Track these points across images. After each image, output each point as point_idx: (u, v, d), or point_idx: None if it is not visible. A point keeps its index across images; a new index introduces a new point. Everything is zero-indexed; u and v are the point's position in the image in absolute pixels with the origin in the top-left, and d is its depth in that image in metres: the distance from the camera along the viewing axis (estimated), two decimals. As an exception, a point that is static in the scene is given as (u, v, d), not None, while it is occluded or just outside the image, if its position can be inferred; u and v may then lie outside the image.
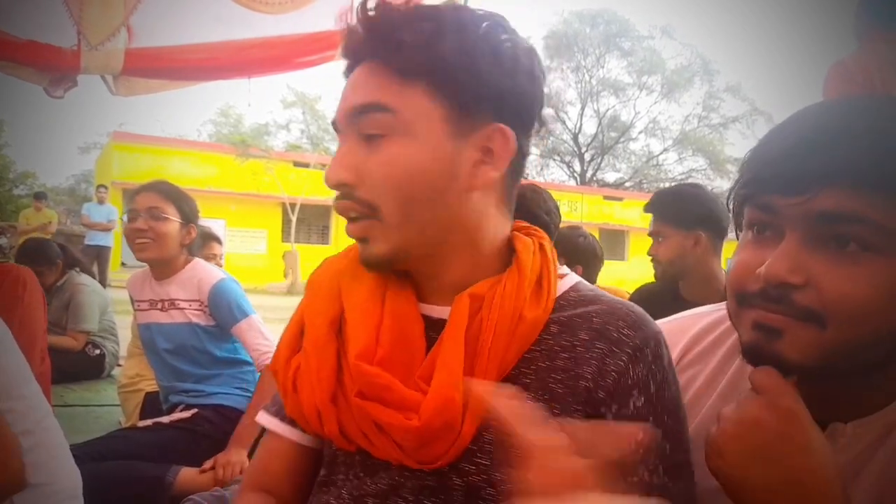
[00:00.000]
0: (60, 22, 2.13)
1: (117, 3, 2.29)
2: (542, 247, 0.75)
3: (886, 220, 0.57)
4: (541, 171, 31.26)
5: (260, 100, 34.93)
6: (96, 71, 2.40)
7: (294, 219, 16.87)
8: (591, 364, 0.66)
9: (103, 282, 4.38)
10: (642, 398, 0.66)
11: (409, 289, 0.73)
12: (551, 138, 30.29)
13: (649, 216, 2.06)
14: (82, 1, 2.18)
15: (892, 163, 0.57)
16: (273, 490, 0.80)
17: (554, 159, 31.28)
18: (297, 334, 0.77)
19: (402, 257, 0.69)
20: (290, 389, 0.74)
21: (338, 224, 19.30)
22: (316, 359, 0.72)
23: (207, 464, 1.93)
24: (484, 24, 0.68)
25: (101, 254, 8.70)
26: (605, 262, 2.53)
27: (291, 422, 0.78)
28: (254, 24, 2.57)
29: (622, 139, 30.40)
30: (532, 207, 1.78)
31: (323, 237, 19.54)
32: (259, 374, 2.13)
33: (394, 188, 0.66)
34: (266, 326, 2.15)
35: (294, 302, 0.95)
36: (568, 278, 0.76)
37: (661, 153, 30.74)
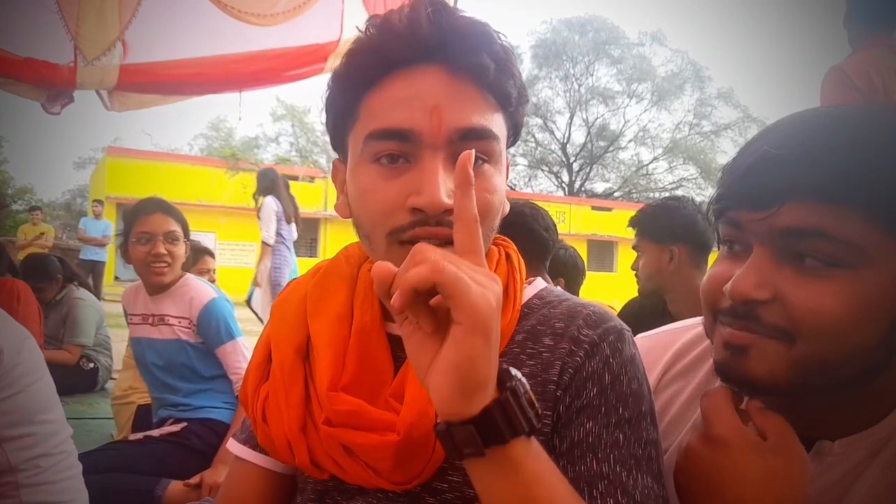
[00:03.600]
0: (57, 38, 2.16)
1: (112, 18, 2.31)
2: (508, 256, 0.75)
3: (851, 236, 0.56)
4: (528, 181, 30.96)
5: (250, 113, 34.78)
6: (92, 86, 2.42)
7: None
8: (555, 366, 0.67)
9: (98, 296, 4.38)
10: (595, 389, 0.65)
11: (377, 309, 0.71)
12: (539, 148, 29.92)
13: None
14: (79, 17, 2.21)
15: (855, 178, 0.56)
16: None
17: (542, 170, 30.96)
18: (263, 361, 0.75)
19: None
20: (259, 419, 0.72)
21: (325, 237, 19.22)
22: (284, 388, 0.70)
23: (194, 479, 1.95)
24: None
25: (95, 268, 8.86)
26: (594, 274, 2.52)
27: (262, 449, 0.77)
28: (246, 36, 2.61)
29: (611, 148, 30.12)
30: (531, 224, 1.81)
31: (311, 250, 19.46)
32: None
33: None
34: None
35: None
36: (533, 285, 0.76)
37: (651, 162, 30.55)
